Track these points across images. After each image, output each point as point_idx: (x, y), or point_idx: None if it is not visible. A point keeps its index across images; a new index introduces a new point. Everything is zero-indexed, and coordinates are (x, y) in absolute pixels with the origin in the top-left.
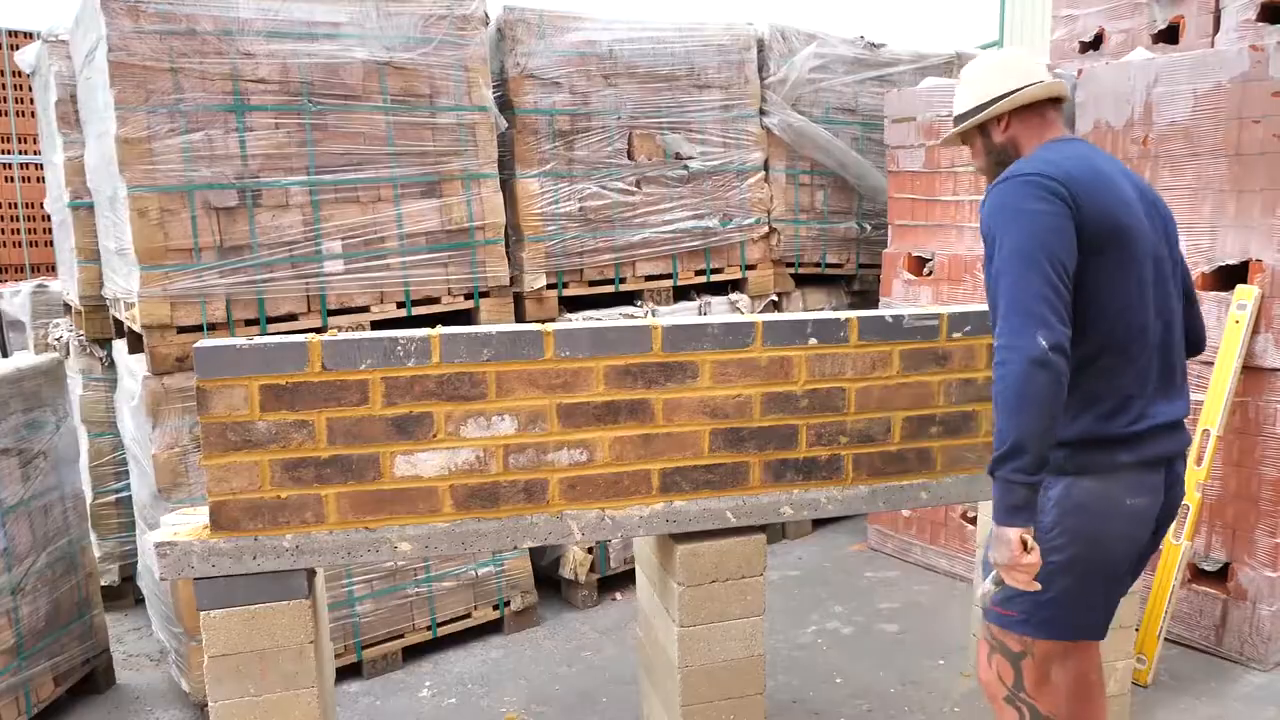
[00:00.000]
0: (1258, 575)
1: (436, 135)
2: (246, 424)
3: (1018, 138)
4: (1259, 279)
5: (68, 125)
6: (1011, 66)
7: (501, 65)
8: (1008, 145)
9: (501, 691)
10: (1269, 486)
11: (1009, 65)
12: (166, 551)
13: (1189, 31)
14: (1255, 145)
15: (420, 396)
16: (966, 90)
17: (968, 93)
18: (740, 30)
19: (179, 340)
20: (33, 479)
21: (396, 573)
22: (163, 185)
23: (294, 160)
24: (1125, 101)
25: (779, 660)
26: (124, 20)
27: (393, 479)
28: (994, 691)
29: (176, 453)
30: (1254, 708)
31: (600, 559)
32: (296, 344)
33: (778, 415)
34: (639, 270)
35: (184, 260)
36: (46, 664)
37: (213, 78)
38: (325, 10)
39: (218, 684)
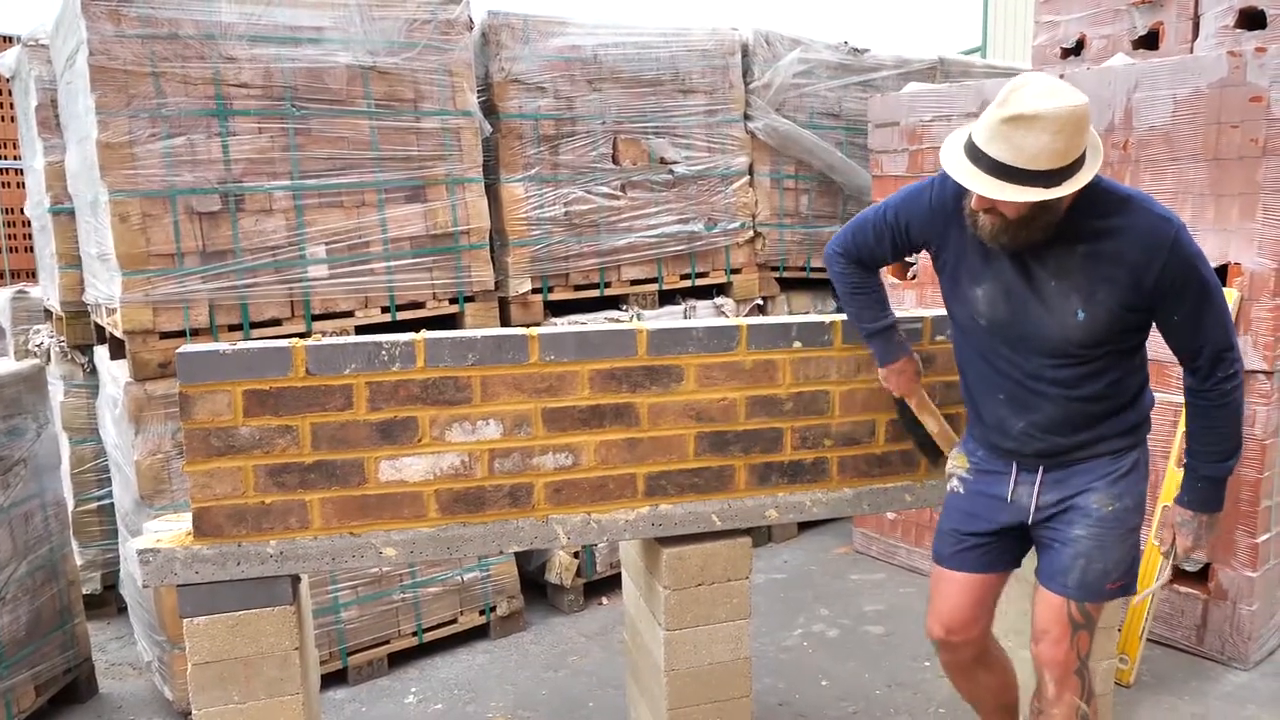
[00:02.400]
0: (1238, 575)
1: (421, 140)
2: (230, 429)
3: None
4: (1238, 282)
5: (48, 130)
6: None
7: (486, 70)
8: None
9: (488, 697)
10: (1248, 488)
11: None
12: (149, 558)
13: (1169, 38)
14: (1233, 150)
15: (405, 401)
16: (1078, 137)
17: (1084, 138)
18: (725, 35)
19: (161, 346)
20: (13, 486)
21: (382, 579)
22: (145, 190)
23: (277, 165)
24: (1106, 106)
25: (765, 663)
26: (105, 24)
27: (377, 484)
28: (1069, 666)
29: (159, 459)
30: (1235, 706)
31: (586, 563)
32: (280, 349)
33: (763, 418)
34: (624, 275)
35: (166, 265)
36: (28, 673)
37: (195, 82)
38: (308, 14)
39: (201, 692)
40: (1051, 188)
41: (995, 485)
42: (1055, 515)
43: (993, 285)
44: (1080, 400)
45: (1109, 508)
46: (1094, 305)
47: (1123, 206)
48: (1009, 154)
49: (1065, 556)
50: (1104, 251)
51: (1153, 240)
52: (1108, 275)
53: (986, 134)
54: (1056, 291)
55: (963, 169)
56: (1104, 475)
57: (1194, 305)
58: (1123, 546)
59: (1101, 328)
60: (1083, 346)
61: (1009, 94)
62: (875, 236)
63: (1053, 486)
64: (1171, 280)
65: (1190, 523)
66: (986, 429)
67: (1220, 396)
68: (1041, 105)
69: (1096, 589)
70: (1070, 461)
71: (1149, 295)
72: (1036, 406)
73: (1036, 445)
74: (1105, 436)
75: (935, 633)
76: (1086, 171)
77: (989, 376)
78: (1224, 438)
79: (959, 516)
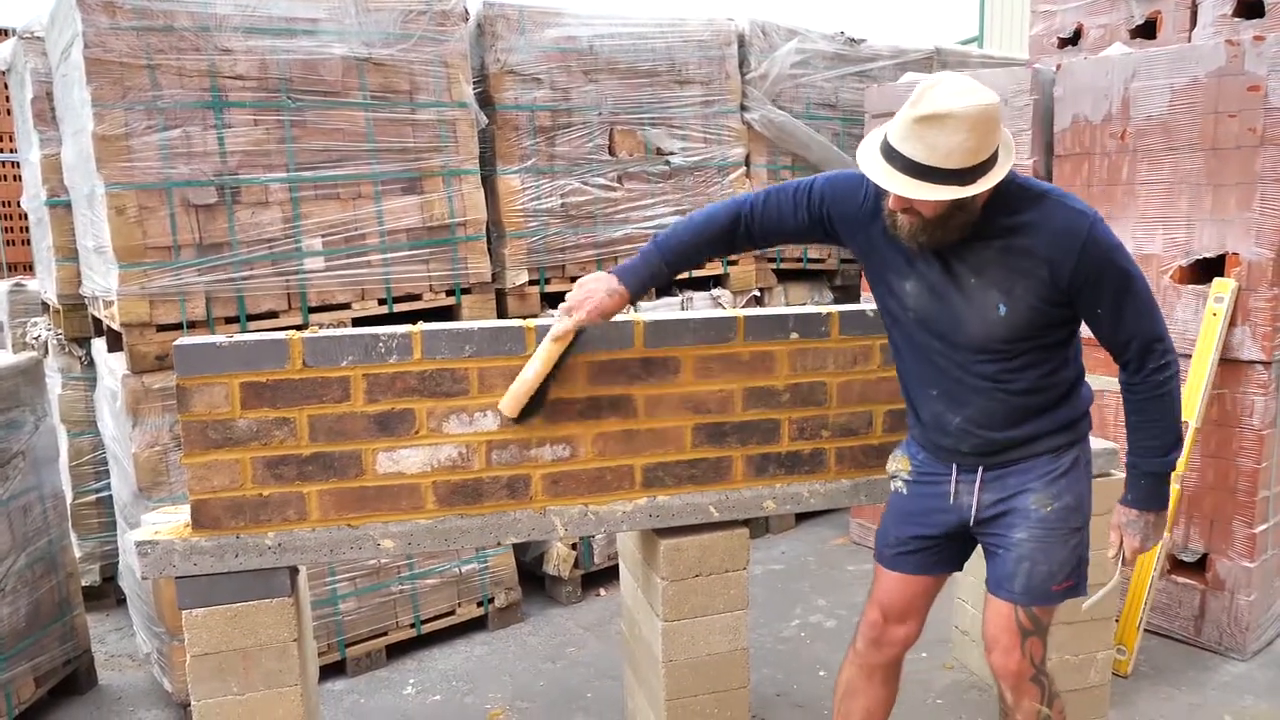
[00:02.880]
0: (1235, 566)
1: (417, 131)
2: (227, 422)
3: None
4: (1236, 272)
5: (44, 123)
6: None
7: (482, 61)
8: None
9: (486, 688)
10: (1245, 478)
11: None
12: (148, 550)
13: (1166, 26)
14: (1231, 139)
15: (402, 393)
16: (990, 135)
17: (996, 136)
18: (721, 26)
19: (158, 338)
20: (11, 479)
21: (380, 570)
22: (141, 183)
23: (273, 157)
24: (1103, 96)
25: (763, 654)
26: (100, 16)
27: (375, 476)
28: (1023, 674)
29: (157, 451)
30: (1232, 696)
31: (584, 555)
32: (277, 341)
33: (760, 410)
34: None
35: (163, 258)
36: (27, 665)
37: (190, 74)
38: (304, 6)
39: (200, 683)
40: (966, 186)
41: (937, 488)
42: (996, 518)
43: (918, 283)
44: (1012, 394)
45: (1048, 508)
46: (1014, 300)
47: (1038, 202)
48: (923, 153)
49: (1009, 561)
50: (1020, 247)
51: (1067, 234)
52: (1026, 270)
53: (901, 133)
54: (978, 288)
55: (879, 169)
56: (1042, 475)
57: (1115, 297)
58: (1066, 547)
59: (1024, 322)
60: (1007, 341)
61: (921, 93)
62: (793, 207)
63: (991, 486)
64: (1089, 273)
65: (1136, 522)
66: (926, 428)
67: (1153, 388)
68: (953, 104)
69: (1042, 592)
70: (1009, 460)
71: (1067, 290)
72: (970, 401)
73: (973, 441)
74: (1043, 433)
75: (871, 616)
76: (1000, 169)
77: (923, 373)
78: (1162, 431)
79: (902, 517)
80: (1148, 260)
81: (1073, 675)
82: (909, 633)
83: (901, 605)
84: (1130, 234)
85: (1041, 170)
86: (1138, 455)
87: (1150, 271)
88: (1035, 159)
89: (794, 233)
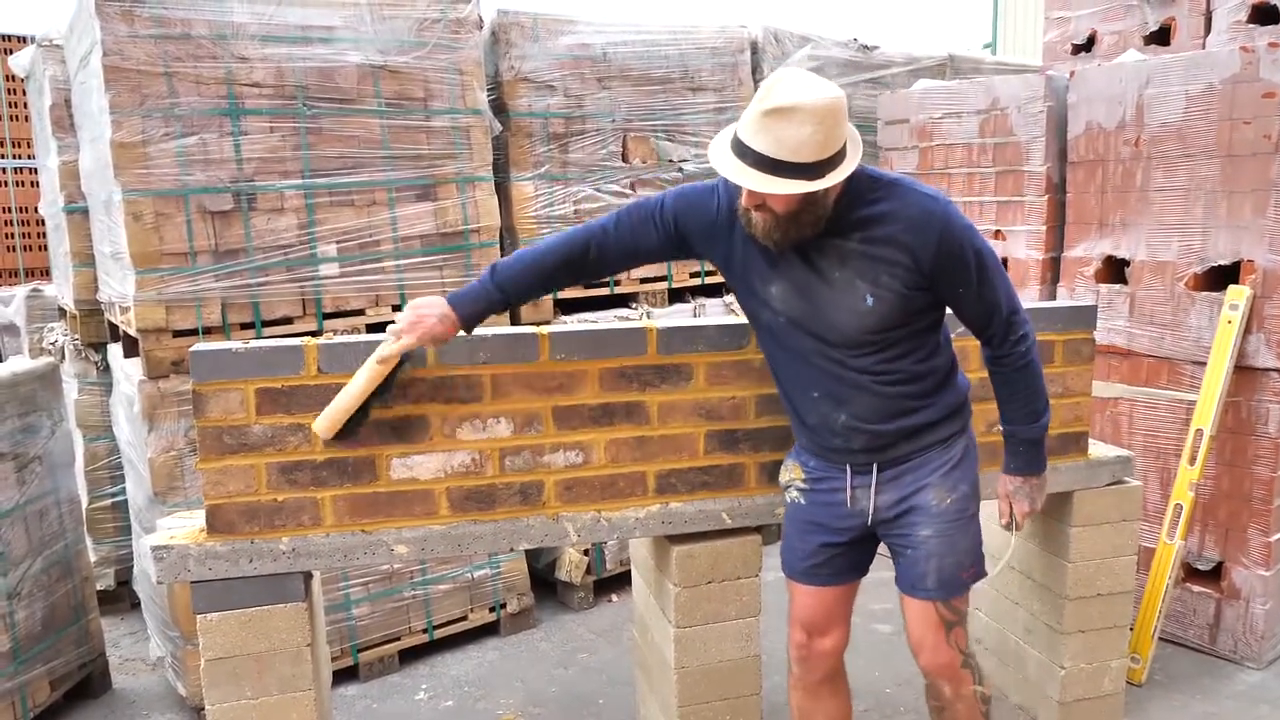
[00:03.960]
0: (1251, 574)
1: (431, 138)
2: (242, 427)
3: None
4: (1251, 279)
5: (62, 130)
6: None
7: (496, 68)
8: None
9: (498, 694)
10: (1261, 486)
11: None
12: (163, 555)
13: (1180, 33)
14: (1246, 146)
15: (416, 399)
16: (837, 129)
17: (844, 130)
18: (734, 33)
19: (174, 344)
20: (28, 483)
21: (393, 575)
22: (157, 189)
23: (289, 164)
24: (1117, 103)
25: (775, 661)
26: (119, 24)
27: (389, 481)
28: (955, 664)
29: (172, 456)
30: (1247, 706)
31: (596, 561)
32: (292, 347)
33: (773, 416)
34: (634, 273)
35: (179, 264)
36: (42, 668)
37: (207, 82)
38: (319, 14)
39: (214, 687)
40: (815, 180)
41: (833, 492)
42: (898, 518)
43: (783, 283)
44: (891, 384)
45: (948, 500)
46: (880, 290)
47: (890, 191)
48: (771, 146)
49: (920, 560)
50: (879, 237)
51: (924, 220)
52: (888, 259)
53: (750, 128)
54: (843, 282)
55: (730, 164)
56: (937, 469)
57: (975, 276)
58: (968, 534)
59: (892, 311)
60: (878, 331)
61: (767, 88)
62: (646, 228)
63: (889, 486)
64: (948, 256)
65: (1023, 488)
66: (812, 432)
67: (1018, 359)
68: (800, 97)
69: (954, 583)
70: (901, 458)
71: (930, 274)
72: (852, 398)
73: (862, 438)
74: (928, 423)
75: (796, 637)
76: (848, 164)
77: (801, 375)
78: (1031, 397)
79: (805, 528)
80: (1162, 268)
81: (1087, 683)
82: (835, 643)
83: (822, 618)
84: (1145, 241)
85: (1056, 177)
86: (1014, 424)
87: (1165, 279)
88: (1049, 165)
89: (650, 253)
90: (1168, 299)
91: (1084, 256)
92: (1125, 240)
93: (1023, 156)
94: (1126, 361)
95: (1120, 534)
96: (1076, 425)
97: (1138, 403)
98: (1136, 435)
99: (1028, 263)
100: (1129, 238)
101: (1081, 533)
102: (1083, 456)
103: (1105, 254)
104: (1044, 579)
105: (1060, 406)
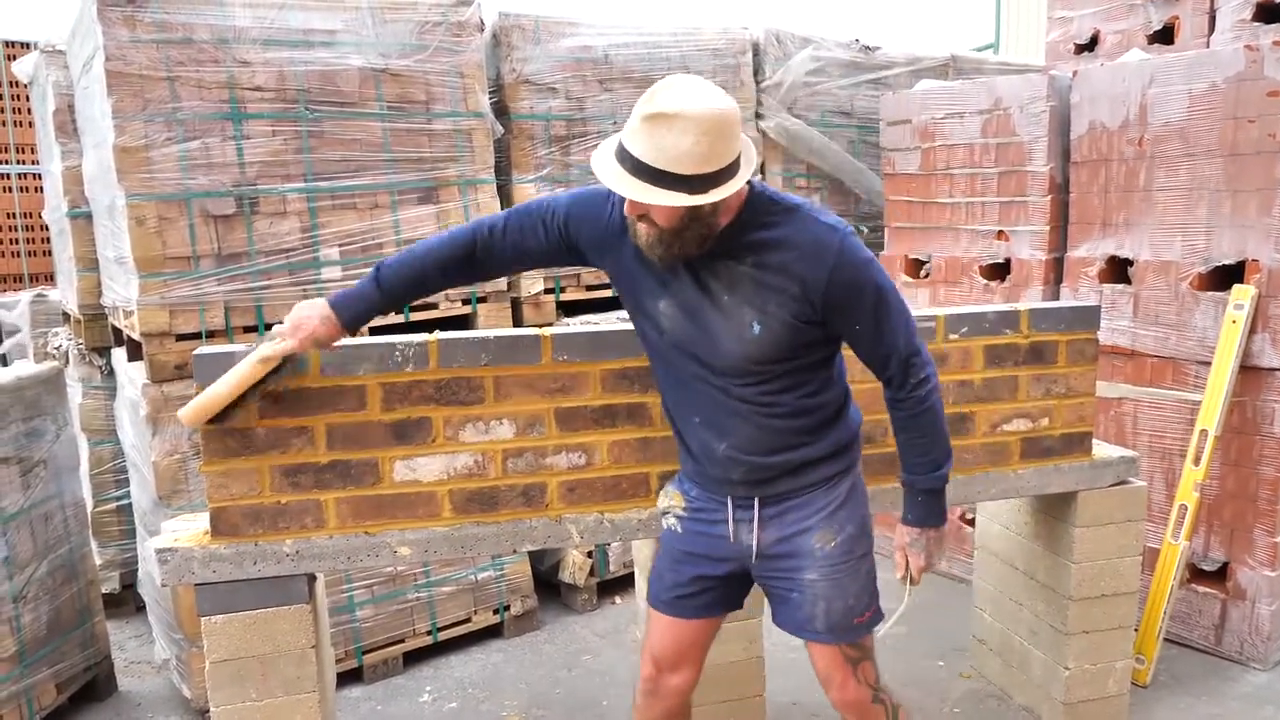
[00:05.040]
0: (1256, 575)
1: (433, 141)
2: (246, 430)
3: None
4: (1256, 279)
5: (65, 135)
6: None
7: (497, 71)
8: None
9: (502, 696)
10: (1267, 486)
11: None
12: (167, 558)
13: (1184, 32)
14: (1251, 145)
15: (418, 402)
16: (723, 142)
17: (733, 145)
18: (735, 34)
19: (178, 348)
20: (33, 487)
21: (397, 578)
22: (160, 193)
23: (291, 167)
24: (1121, 103)
25: (777, 662)
26: (121, 30)
27: (392, 484)
28: (864, 700)
29: (176, 460)
30: (1253, 707)
31: (600, 562)
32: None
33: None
34: None
35: (182, 268)
36: (48, 671)
37: (209, 86)
38: (321, 18)
39: (219, 689)
40: (696, 194)
41: (714, 525)
42: (780, 559)
43: (672, 301)
44: (775, 417)
45: (832, 543)
46: (768, 318)
47: (788, 217)
48: (651, 153)
49: (805, 604)
50: (771, 263)
51: (818, 250)
52: (778, 287)
53: (631, 133)
54: (731, 305)
55: (610, 170)
56: (820, 510)
57: (871, 313)
58: (858, 576)
59: (779, 342)
60: (763, 362)
61: (652, 92)
62: (537, 229)
63: (772, 524)
64: (842, 290)
65: (919, 540)
66: (695, 459)
67: (917, 404)
68: (683, 105)
69: (846, 628)
70: (784, 494)
71: (822, 307)
72: (732, 427)
73: (742, 469)
74: (813, 460)
75: (646, 670)
76: (735, 181)
77: (684, 399)
78: (931, 445)
79: (681, 558)
80: (1166, 267)
81: (1091, 684)
82: (684, 682)
83: (675, 653)
84: (1148, 241)
85: (1059, 177)
86: (912, 473)
87: (1169, 278)
88: (1052, 165)
89: (539, 256)
90: (1172, 299)
91: (1087, 257)
92: (1129, 240)
93: (1026, 156)
94: (1130, 362)
95: (1125, 534)
96: (1080, 426)
97: (1142, 403)
98: (1141, 436)
99: (1031, 263)
100: (1133, 238)
101: (1086, 533)
102: (1087, 457)
103: (1109, 254)
104: (1048, 580)
105: (1064, 407)
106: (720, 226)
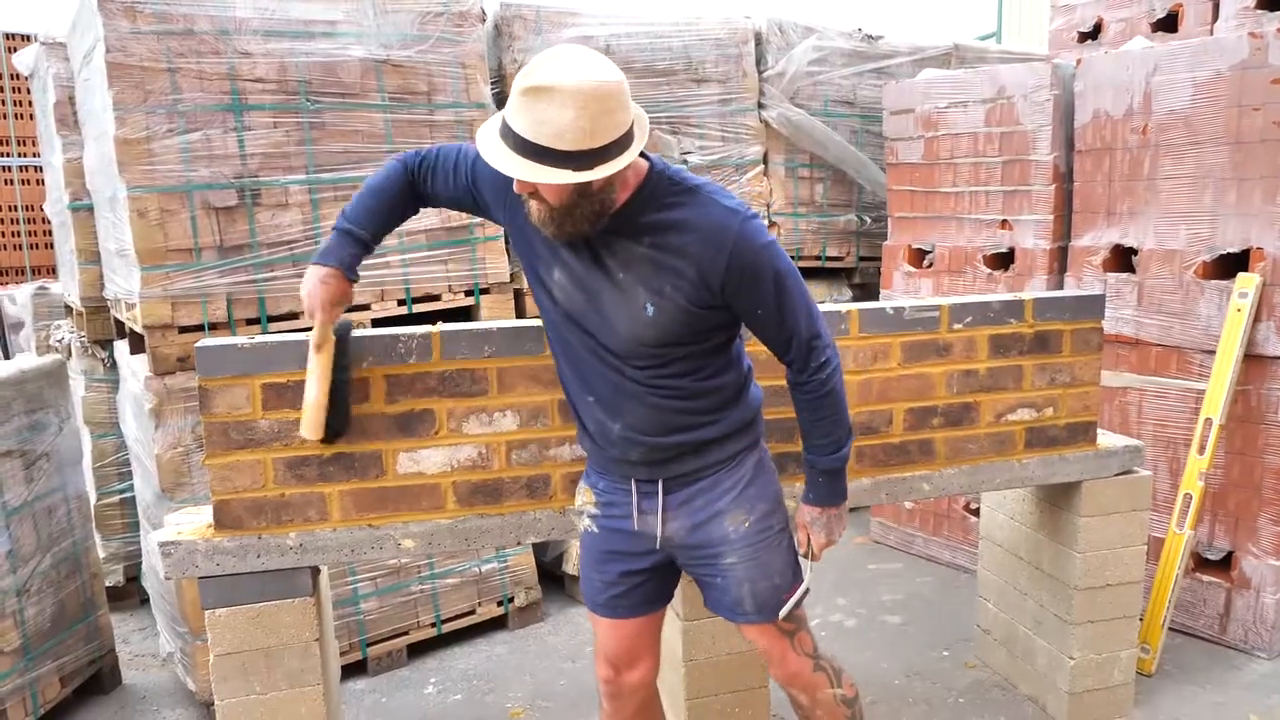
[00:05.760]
0: (1261, 564)
1: (435, 132)
2: (249, 423)
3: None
4: (1260, 267)
5: (66, 127)
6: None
7: (499, 62)
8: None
9: (506, 687)
10: (1271, 474)
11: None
12: (171, 551)
13: (1188, 20)
14: (1255, 133)
15: (422, 394)
16: (608, 116)
17: (620, 118)
18: (738, 24)
19: (180, 340)
20: (36, 480)
21: (400, 570)
22: (162, 185)
23: (293, 159)
24: (1124, 91)
25: None
26: (121, 21)
27: (395, 476)
28: (805, 670)
29: (179, 452)
30: (1258, 695)
31: None
32: (298, 343)
33: (779, 407)
34: None
35: (184, 260)
36: (52, 665)
37: (210, 77)
38: (322, 8)
39: (223, 682)
40: (580, 170)
41: (626, 520)
42: (699, 548)
43: (565, 274)
44: (671, 398)
45: (746, 524)
46: (663, 301)
47: (689, 198)
48: (530, 129)
49: (731, 588)
50: (669, 245)
51: (717, 233)
52: (675, 270)
53: (512, 107)
54: (625, 284)
55: (494, 147)
56: (728, 491)
57: (773, 298)
58: (778, 552)
59: (674, 325)
60: (656, 345)
61: (531, 66)
62: (452, 172)
63: (681, 512)
64: (741, 274)
65: (820, 519)
66: (594, 440)
67: (819, 387)
68: (560, 78)
69: (774, 605)
70: (687, 476)
71: (720, 292)
72: (626, 408)
73: (640, 451)
74: (712, 439)
75: (603, 673)
76: (622, 159)
77: (578, 376)
78: (832, 427)
79: (601, 557)
80: (1170, 256)
81: (1096, 674)
82: (644, 675)
83: (627, 652)
84: (1153, 229)
85: (1063, 165)
86: (814, 454)
87: (1173, 267)
88: (1056, 154)
89: (451, 198)
90: (1176, 287)
91: (1091, 245)
92: (1133, 229)
93: (1029, 145)
94: (1135, 350)
95: (1129, 524)
96: (1085, 415)
97: (1146, 392)
98: (1145, 425)
99: (1035, 252)
100: (1137, 226)
101: (1090, 523)
102: (1091, 446)
103: (1113, 243)
104: (1053, 569)
105: (1069, 396)
106: (616, 204)
